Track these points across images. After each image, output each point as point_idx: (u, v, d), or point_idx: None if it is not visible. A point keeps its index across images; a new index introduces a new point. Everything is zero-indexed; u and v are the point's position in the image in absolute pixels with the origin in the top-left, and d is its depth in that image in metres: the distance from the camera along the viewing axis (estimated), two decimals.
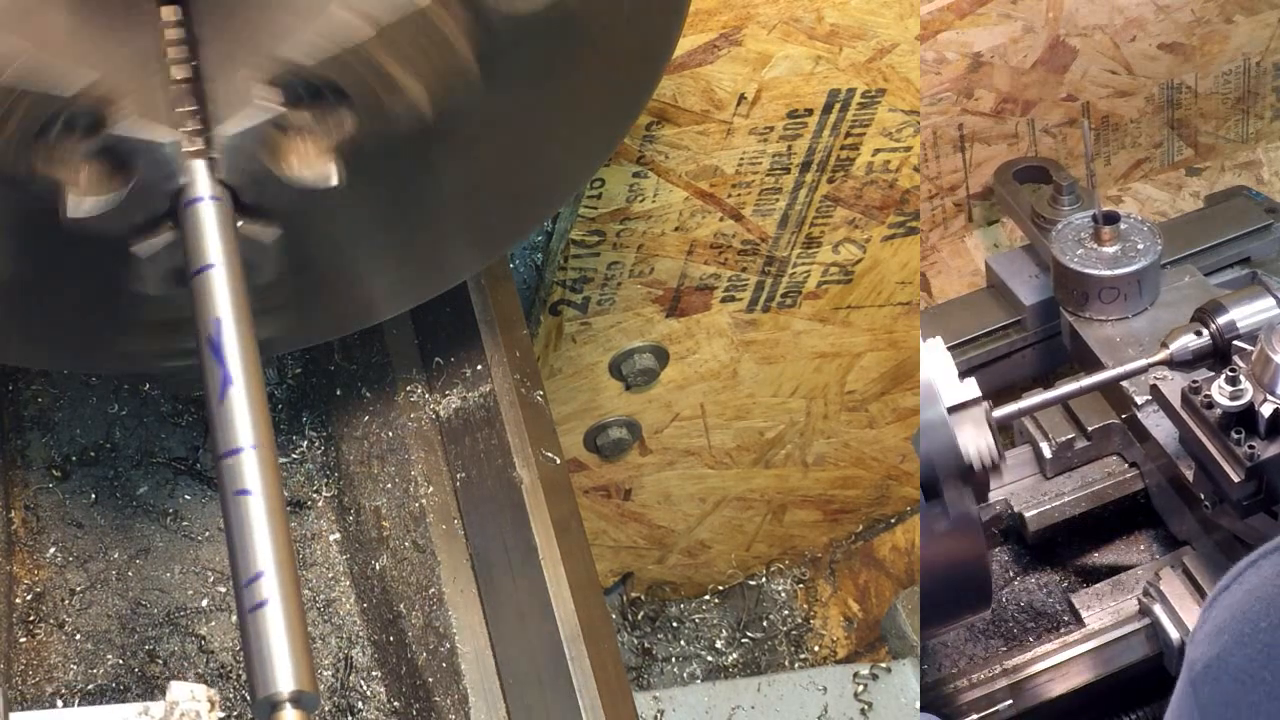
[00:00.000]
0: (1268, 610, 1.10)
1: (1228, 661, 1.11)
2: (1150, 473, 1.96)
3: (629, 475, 2.57)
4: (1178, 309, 1.99)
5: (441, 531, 1.62)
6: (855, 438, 2.59)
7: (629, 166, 2.03)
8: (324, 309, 1.63)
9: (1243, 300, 1.81)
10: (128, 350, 1.61)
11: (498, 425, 1.67)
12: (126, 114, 1.24)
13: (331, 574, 1.74)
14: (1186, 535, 1.93)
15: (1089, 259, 2.01)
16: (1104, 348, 1.99)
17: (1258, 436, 1.66)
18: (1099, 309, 2.01)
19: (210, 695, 1.22)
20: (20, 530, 1.71)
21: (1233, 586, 1.15)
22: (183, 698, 1.22)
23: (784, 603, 2.81)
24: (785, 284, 2.27)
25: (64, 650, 1.63)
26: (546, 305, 2.21)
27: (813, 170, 2.10)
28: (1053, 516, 1.98)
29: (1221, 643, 1.12)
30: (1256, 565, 1.15)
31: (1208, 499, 1.79)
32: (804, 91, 1.99)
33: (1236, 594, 1.14)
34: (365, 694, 1.65)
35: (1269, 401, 1.65)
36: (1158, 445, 1.87)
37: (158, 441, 1.82)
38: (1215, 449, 1.70)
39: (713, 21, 1.88)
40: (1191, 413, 1.72)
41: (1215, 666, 1.12)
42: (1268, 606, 1.11)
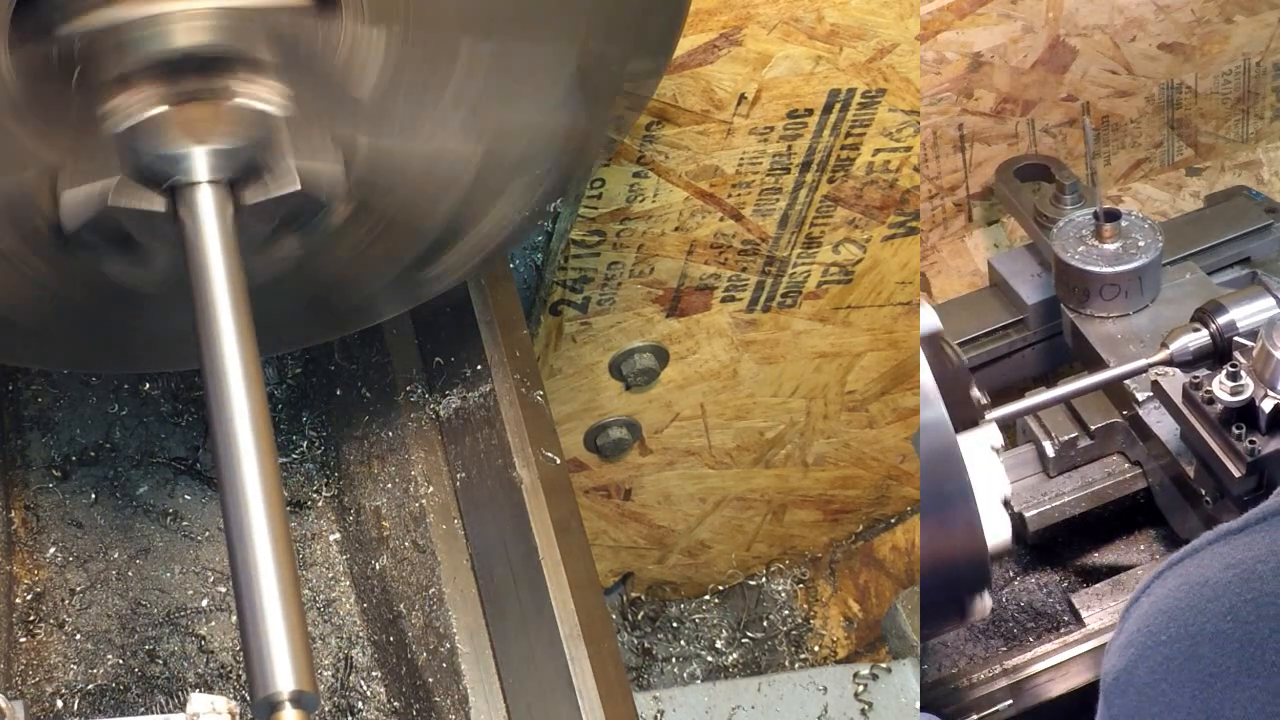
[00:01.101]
0: (1168, 623, 1.11)
1: (1133, 674, 1.12)
2: (1153, 471, 1.96)
3: (629, 475, 2.57)
4: (1179, 306, 1.99)
5: (441, 531, 1.62)
6: (855, 438, 2.59)
7: (629, 166, 2.03)
8: (323, 308, 1.62)
9: (1243, 300, 1.81)
10: (127, 350, 1.61)
11: (498, 425, 1.67)
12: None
13: (331, 574, 1.74)
14: (1189, 534, 1.93)
15: (1090, 256, 2.01)
16: (1105, 345, 1.99)
17: (1258, 432, 1.67)
18: (1100, 306, 2.01)
19: (231, 707, 1.22)
20: (20, 530, 1.71)
21: (1141, 599, 1.16)
22: (203, 709, 1.22)
23: (784, 603, 2.81)
24: (785, 284, 2.27)
25: (64, 650, 1.63)
26: (546, 305, 2.20)
27: (813, 170, 2.10)
28: (1053, 516, 1.98)
29: (1128, 655, 1.13)
30: (1162, 577, 1.16)
31: (1209, 495, 1.79)
32: (804, 91, 1.99)
33: (1144, 606, 1.15)
34: (365, 694, 1.65)
35: (1270, 397, 1.65)
36: (1160, 443, 1.88)
37: (158, 441, 1.83)
38: (1216, 444, 1.70)
39: (713, 21, 1.88)
40: (1192, 408, 1.73)
41: (1123, 679, 1.13)
42: (1168, 620, 1.11)
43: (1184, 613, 1.10)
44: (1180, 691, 1.07)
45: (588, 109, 1.50)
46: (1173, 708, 1.08)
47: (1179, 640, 1.09)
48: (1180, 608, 1.11)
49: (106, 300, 1.45)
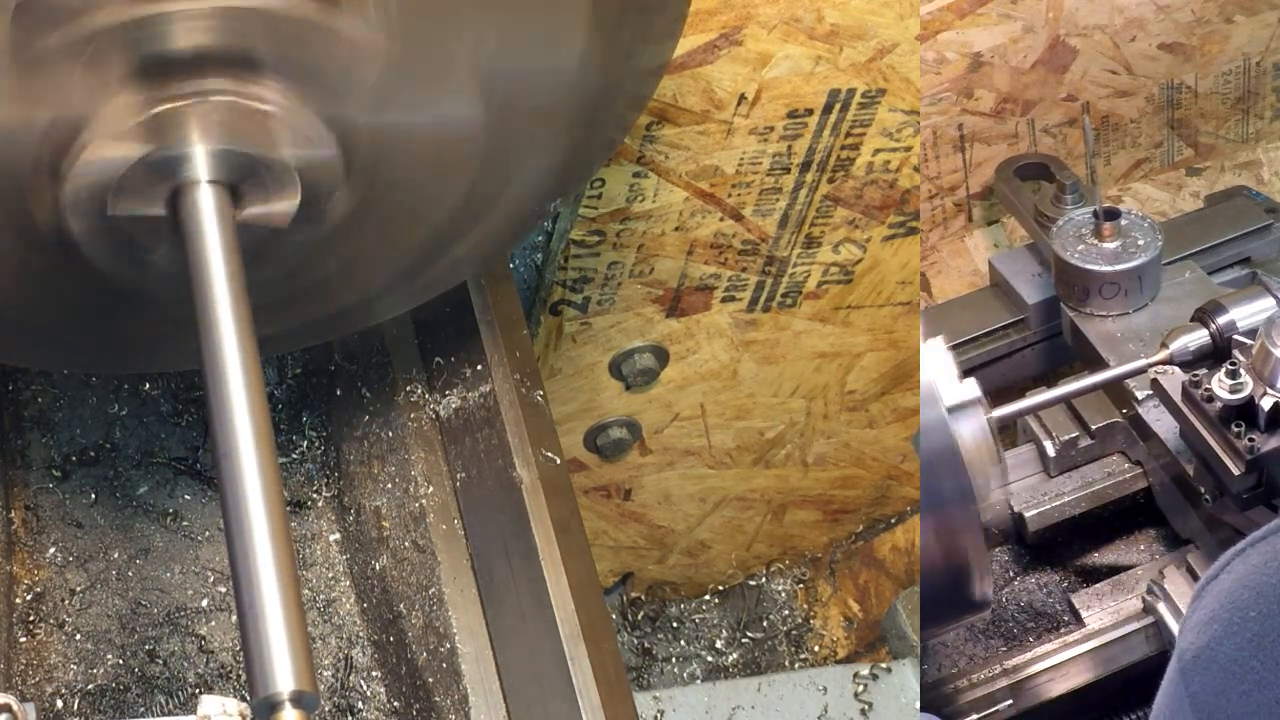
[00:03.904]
0: (1256, 599, 1.10)
1: (1218, 651, 1.11)
2: (1153, 471, 1.96)
3: (629, 475, 2.57)
4: (1179, 304, 1.99)
5: (441, 531, 1.62)
6: (855, 438, 2.59)
7: (629, 166, 2.03)
8: (323, 308, 1.62)
9: (1243, 300, 1.81)
10: (127, 350, 1.61)
11: (498, 425, 1.67)
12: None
13: (331, 574, 1.74)
14: (1190, 533, 1.93)
15: (1090, 254, 2.01)
16: (1105, 343, 1.99)
17: (1258, 430, 1.67)
18: (1100, 305, 2.01)
19: (242, 709, 1.22)
20: (20, 530, 1.70)
21: (1221, 576, 1.15)
22: (214, 711, 1.22)
23: (784, 603, 2.81)
24: (785, 284, 2.27)
25: (64, 650, 1.63)
26: (546, 305, 2.21)
27: (813, 170, 2.10)
28: (1053, 516, 1.98)
29: (1211, 632, 1.12)
30: (1244, 554, 1.15)
31: (1208, 493, 1.79)
32: (804, 91, 1.99)
33: (1225, 583, 1.14)
34: (365, 694, 1.65)
35: (1269, 395, 1.65)
36: (1160, 442, 1.88)
37: (158, 441, 1.83)
38: (1215, 442, 1.70)
39: (713, 21, 1.88)
40: (1192, 406, 1.73)
41: (1205, 656, 1.12)
42: (1256, 595, 1.11)
43: (1275, 588, 1.10)
44: (1271, 668, 1.07)
45: (599, 81, 1.48)
46: (1262, 685, 1.07)
47: (1271, 616, 1.08)
48: (1270, 583, 1.10)
49: (107, 300, 1.45)
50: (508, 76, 1.38)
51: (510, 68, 1.38)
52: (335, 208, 1.39)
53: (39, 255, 1.36)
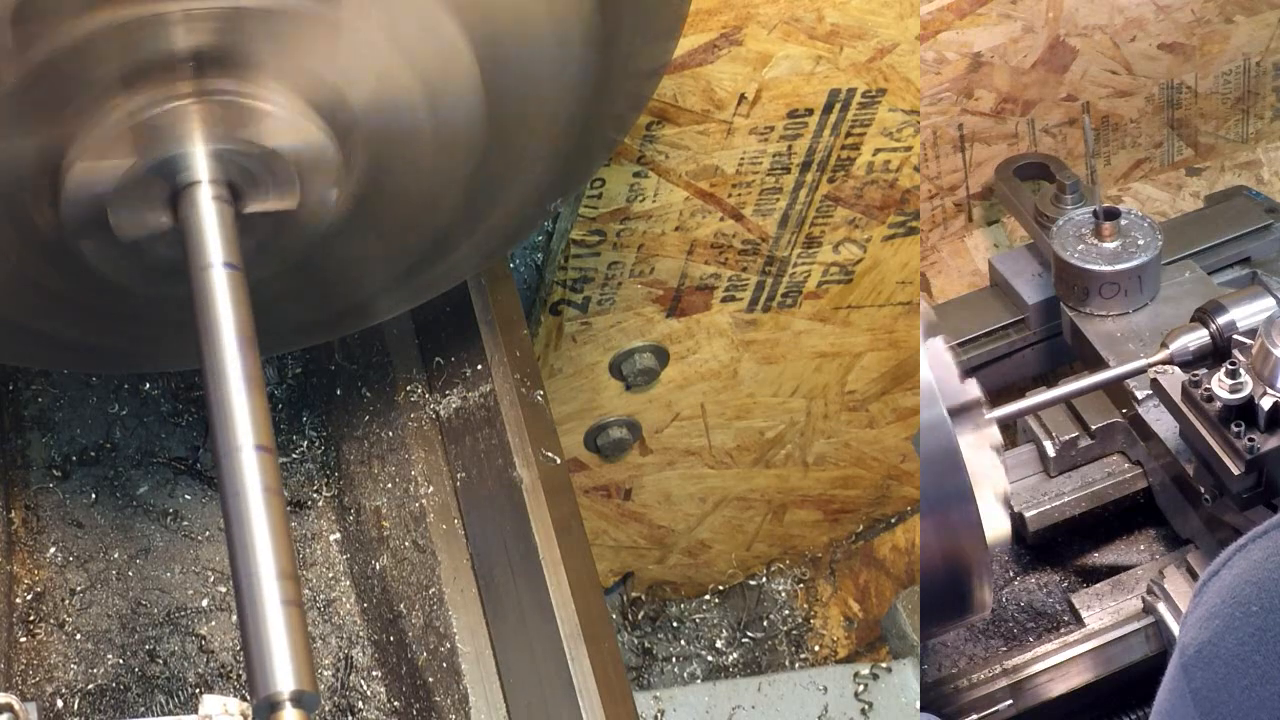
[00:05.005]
0: (1259, 594, 1.11)
1: (1220, 646, 1.11)
2: (1153, 471, 1.96)
3: (629, 475, 2.57)
4: (1179, 304, 1.99)
5: (441, 531, 1.62)
6: (855, 438, 2.59)
7: (629, 166, 2.03)
8: (323, 308, 1.62)
9: (1242, 300, 1.81)
10: (127, 350, 1.61)
11: (498, 425, 1.67)
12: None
13: (331, 574, 1.74)
14: (1190, 533, 1.93)
15: (1090, 254, 2.01)
16: (1105, 343, 1.99)
17: (1257, 429, 1.67)
18: (1100, 304, 2.02)
19: (243, 709, 1.22)
20: (20, 530, 1.70)
21: (1223, 571, 1.15)
22: (215, 711, 1.22)
23: (784, 603, 2.81)
24: (785, 284, 2.27)
25: (64, 650, 1.63)
26: (547, 305, 2.21)
27: (813, 170, 2.10)
28: (1053, 516, 1.98)
29: (1213, 627, 1.12)
30: (1245, 550, 1.15)
31: (1208, 492, 1.79)
32: (804, 91, 1.99)
33: (1227, 578, 1.14)
34: (365, 694, 1.65)
35: (1269, 395, 1.65)
36: (1160, 442, 1.88)
37: (158, 441, 1.83)
38: (1215, 442, 1.70)
39: (713, 21, 1.88)
40: (1192, 406, 1.73)
41: (1207, 651, 1.12)
42: (1258, 590, 1.11)
43: (1277, 583, 1.10)
44: (1273, 662, 1.07)
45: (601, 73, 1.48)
46: (1265, 679, 1.07)
47: (1273, 610, 1.09)
48: (1273, 578, 1.10)
49: (107, 300, 1.45)
50: (508, 76, 1.38)
51: (511, 67, 1.38)
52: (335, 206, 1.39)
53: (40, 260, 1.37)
